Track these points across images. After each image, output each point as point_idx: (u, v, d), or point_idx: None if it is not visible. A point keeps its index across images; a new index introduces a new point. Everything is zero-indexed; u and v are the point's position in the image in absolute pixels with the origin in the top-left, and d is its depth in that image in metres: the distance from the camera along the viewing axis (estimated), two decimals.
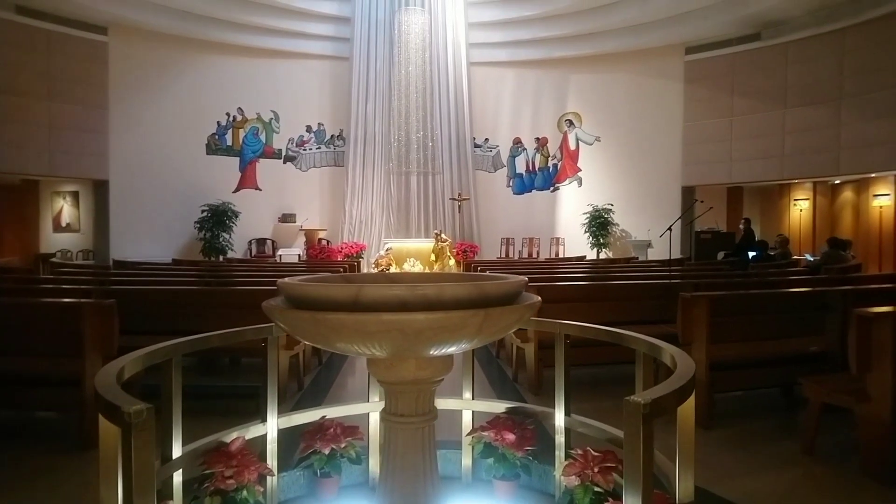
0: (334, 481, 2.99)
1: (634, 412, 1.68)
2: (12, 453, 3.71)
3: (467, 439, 3.11)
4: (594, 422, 2.81)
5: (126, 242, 12.94)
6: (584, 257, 13.33)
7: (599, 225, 14.63)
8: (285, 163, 15.47)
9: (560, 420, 2.90)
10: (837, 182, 13.86)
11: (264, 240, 14.86)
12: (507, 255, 15.28)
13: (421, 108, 15.42)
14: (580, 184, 15.78)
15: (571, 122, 15.82)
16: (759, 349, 4.60)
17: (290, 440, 3.07)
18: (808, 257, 11.69)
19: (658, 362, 2.47)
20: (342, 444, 2.97)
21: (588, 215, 14.81)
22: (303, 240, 14.88)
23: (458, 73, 15.57)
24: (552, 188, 16.07)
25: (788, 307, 4.96)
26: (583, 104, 15.68)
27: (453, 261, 13.26)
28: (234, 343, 2.91)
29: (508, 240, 15.50)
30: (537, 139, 16.09)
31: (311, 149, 15.71)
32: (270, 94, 15.10)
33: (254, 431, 2.79)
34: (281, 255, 13.94)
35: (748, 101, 13.30)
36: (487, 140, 16.19)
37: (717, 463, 3.58)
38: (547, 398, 3.50)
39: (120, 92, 13.05)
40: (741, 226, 11.92)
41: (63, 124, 12.15)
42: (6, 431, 4.18)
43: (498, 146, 16.24)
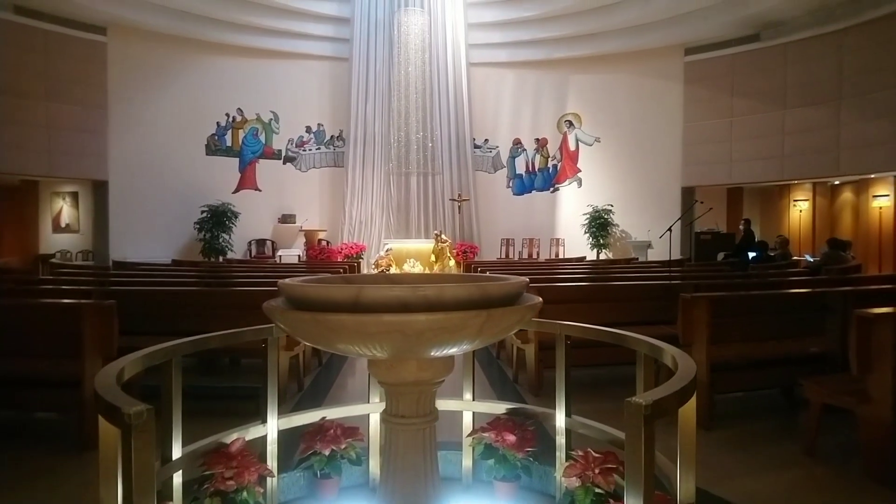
0: (334, 482, 2.98)
1: (636, 413, 1.67)
2: (12, 454, 3.71)
3: (468, 440, 3.10)
4: (595, 423, 2.80)
5: (125, 243, 12.93)
6: (584, 258, 13.34)
7: (599, 226, 14.63)
8: (285, 163, 15.46)
9: (561, 421, 2.89)
10: (837, 183, 13.86)
11: (264, 240, 14.86)
12: (507, 255, 15.28)
13: (421, 108, 15.43)
14: (580, 184, 15.78)
15: (571, 123, 15.82)
16: (759, 350, 4.60)
17: (291, 441, 3.07)
18: (807, 258, 11.70)
19: (658, 363, 2.47)
20: (342, 445, 2.97)
21: (588, 216, 14.80)
22: (302, 240, 14.87)
23: (457, 73, 15.57)
24: (552, 189, 16.07)
25: (789, 308, 4.97)
26: (583, 105, 15.68)
27: (453, 261, 13.26)
28: (234, 344, 2.91)
29: (508, 240, 15.49)
30: (537, 140, 16.08)
31: (310, 149, 15.71)
32: (270, 94, 15.09)
33: (254, 432, 2.79)
34: (281, 256, 13.93)
35: (748, 101, 13.31)
36: (487, 141, 16.18)
37: (718, 464, 3.58)
38: (547, 399, 3.49)
39: (119, 92, 13.04)
40: (741, 226, 11.93)
41: (62, 125, 12.13)
42: (6, 432, 4.18)
43: (498, 147, 16.24)
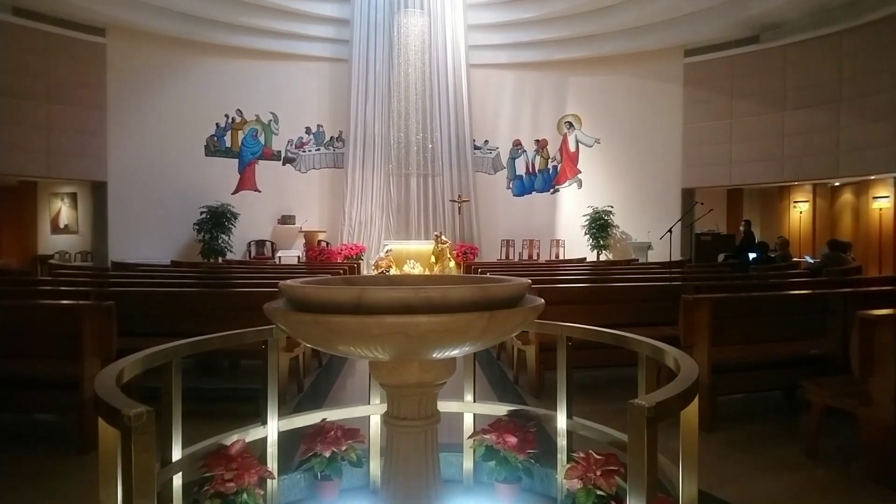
0: (335, 484, 2.97)
1: (638, 415, 1.66)
2: (11, 455, 3.70)
3: (469, 442, 3.09)
4: (596, 425, 2.79)
5: (124, 244, 12.91)
6: (585, 259, 13.33)
7: (599, 227, 14.63)
8: (284, 164, 15.45)
9: (562, 423, 2.88)
10: (837, 184, 13.87)
11: (263, 241, 14.84)
12: (508, 256, 15.27)
13: (420, 109, 15.42)
14: (580, 186, 15.78)
15: (571, 124, 15.82)
16: (760, 352, 4.60)
17: (291, 443, 3.05)
18: (808, 259, 11.70)
19: (660, 365, 2.46)
20: (343, 447, 2.95)
21: (588, 217, 14.80)
22: (302, 241, 14.85)
23: (457, 74, 15.57)
24: (552, 190, 16.07)
25: (790, 310, 4.96)
26: (582, 106, 15.68)
27: (453, 263, 13.25)
28: (234, 345, 2.90)
29: (508, 241, 15.48)
30: (537, 141, 16.09)
31: (310, 150, 15.70)
32: (269, 95, 15.08)
33: (254, 434, 2.77)
34: (280, 257, 13.92)
35: (747, 103, 13.32)
36: (487, 142, 16.18)
37: (720, 466, 3.57)
38: (548, 401, 3.48)
39: (118, 93, 13.03)
40: (741, 228, 11.94)
41: (61, 126, 12.12)
42: (5, 434, 4.16)
43: (498, 148, 16.24)
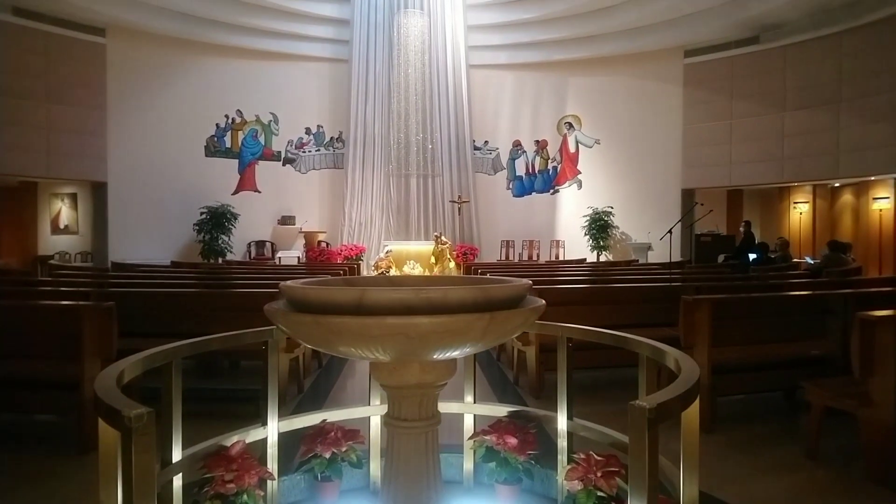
0: (335, 485, 2.97)
1: (639, 417, 1.65)
2: (11, 456, 3.70)
3: (469, 443, 3.09)
4: (596, 426, 2.78)
5: (124, 244, 12.92)
6: (585, 260, 13.33)
7: (599, 227, 14.62)
8: (284, 165, 15.45)
9: (562, 424, 2.88)
10: (837, 185, 13.88)
11: (263, 242, 14.84)
12: (507, 257, 15.27)
13: (420, 110, 15.42)
14: (580, 186, 15.77)
15: (571, 125, 15.82)
16: (761, 353, 4.60)
17: (291, 444, 3.05)
18: (808, 260, 11.70)
19: (660, 366, 2.45)
20: (343, 448, 2.95)
21: (588, 218, 14.80)
22: (302, 242, 14.84)
23: (457, 75, 15.57)
24: (552, 190, 16.07)
25: (790, 310, 4.95)
26: (582, 107, 15.68)
27: (453, 263, 13.24)
28: (234, 346, 2.90)
29: (508, 242, 15.48)
30: (537, 142, 16.08)
31: (310, 151, 15.69)
32: (269, 96, 15.08)
33: (254, 435, 2.77)
34: (280, 258, 13.91)
35: (747, 104, 13.32)
36: (487, 142, 16.18)
37: (720, 467, 3.57)
38: (548, 402, 3.48)
39: (118, 94, 13.03)
40: (741, 228, 11.94)
41: (61, 126, 12.12)
42: (5, 434, 4.16)
43: (498, 148, 16.23)
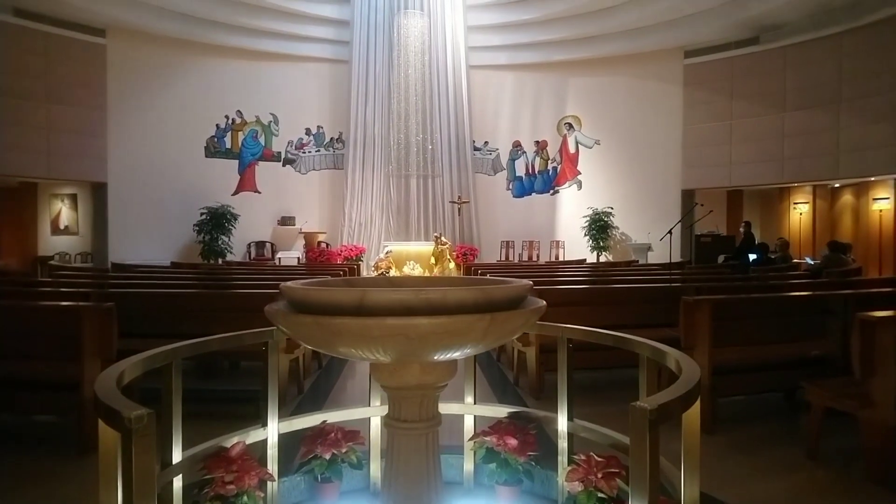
0: (335, 486, 2.96)
1: (640, 418, 1.65)
2: (11, 456, 3.69)
3: (469, 444, 3.09)
4: (597, 426, 2.78)
5: (124, 245, 12.91)
6: (585, 260, 13.33)
7: (599, 228, 14.62)
8: (284, 165, 15.44)
9: (563, 425, 2.87)
10: (837, 186, 13.88)
11: (263, 243, 14.84)
12: (507, 258, 15.27)
13: (420, 111, 15.42)
14: (580, 187, 15.77)
15: (571, 126, 15.82)
16: (761, 353, 4.59)
17: (291, 445, 3.05)
18: (808, 261, 11.70)
19: (660, 366, 2.45)
20: (343, 449, 2.94)
21: (588, 218, 14.80)
22: (302, 243, 14.83)
23: (457, 76, 15.57)
24: (552, 191, 16.06)
25: (790, 311, 4.95)
26: (582, 107, 15.68)
27: (453, 264, 13.24)
28: (234, 347, 2.89)
29: (508, 243, 15.48)
30: (537, 142, 16.08)
31: (310, 151, 15.69)
32: (269, 96, 15.08)
33: (254, 436, 2.77)
34: (280, 258, 13.91)
35: (747, 104, 13.32)
36: (487, 143, 16.18)
37: (720, 468, 3.57)
38: (548, 402, 3.47)
39: (118, 94, 13.03)
40: (741, 229, 11.93)
41: (61, 127, 12.13)
42: (5, 434, 4.16)
43: (497, 149, 16.23)
